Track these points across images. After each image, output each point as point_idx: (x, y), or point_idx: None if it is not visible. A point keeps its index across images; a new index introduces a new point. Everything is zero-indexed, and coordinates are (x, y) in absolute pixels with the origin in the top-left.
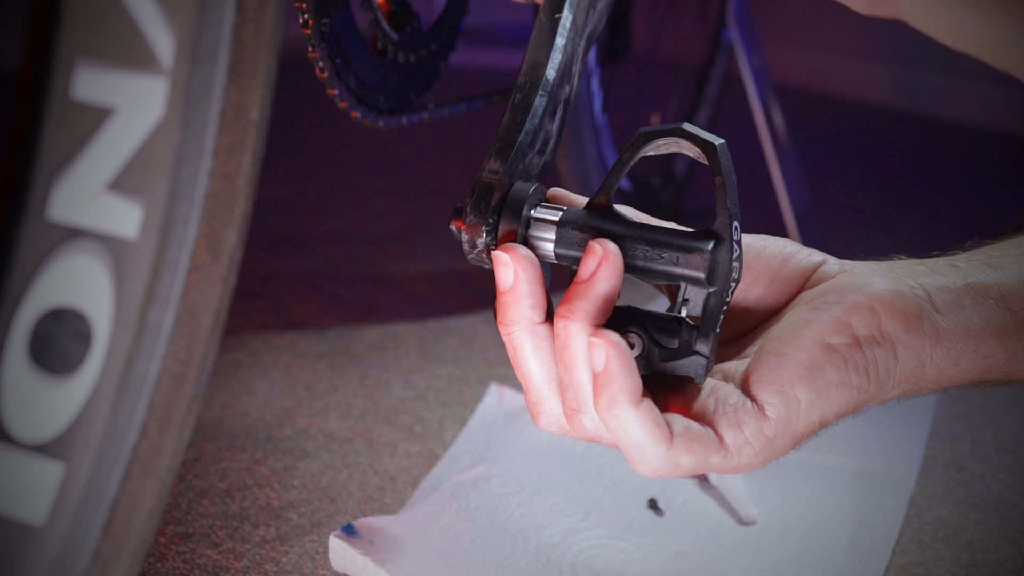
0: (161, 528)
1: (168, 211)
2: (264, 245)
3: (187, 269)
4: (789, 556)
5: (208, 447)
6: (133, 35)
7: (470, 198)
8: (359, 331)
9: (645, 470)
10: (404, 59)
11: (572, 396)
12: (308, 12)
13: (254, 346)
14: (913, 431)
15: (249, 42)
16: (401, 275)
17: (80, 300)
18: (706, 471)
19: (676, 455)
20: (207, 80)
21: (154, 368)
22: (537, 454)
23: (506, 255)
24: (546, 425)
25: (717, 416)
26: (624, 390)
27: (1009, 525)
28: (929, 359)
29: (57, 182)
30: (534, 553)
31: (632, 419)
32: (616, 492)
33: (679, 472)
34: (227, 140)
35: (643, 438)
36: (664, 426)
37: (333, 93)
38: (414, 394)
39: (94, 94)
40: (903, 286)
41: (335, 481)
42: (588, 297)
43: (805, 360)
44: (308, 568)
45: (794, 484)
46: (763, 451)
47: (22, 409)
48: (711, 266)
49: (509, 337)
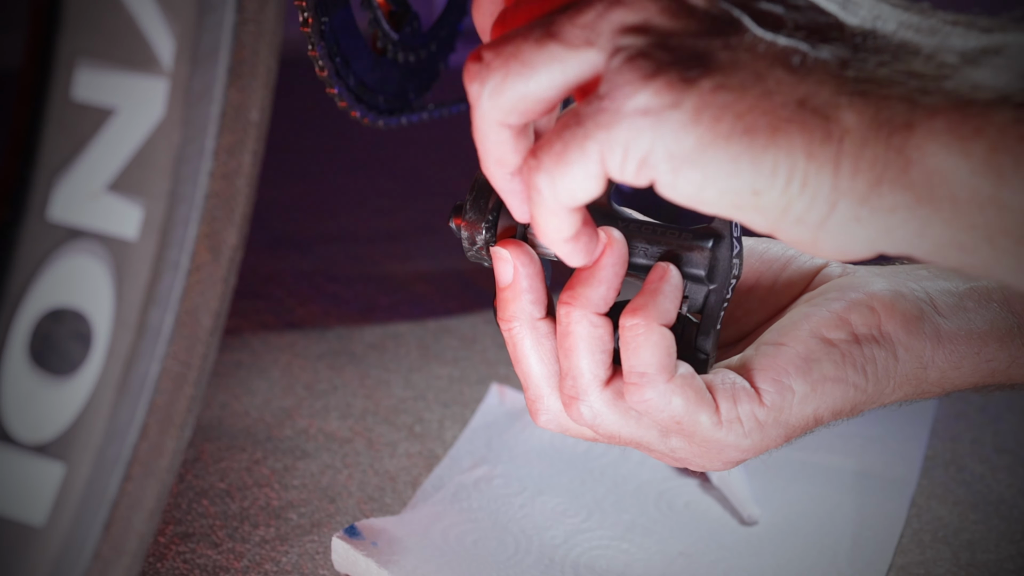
0: (161, 528)
1: (168, 212)
2: (264, 245)
3: (187, 270)
4: (792, 556)
5: (208, 447)
6: (133, 36)
7: (469, 195)
8: (359, 331)
9: (641, 395)
10: (404, 59)
11: (571, 384)
12: (308, 10)
13: (254, 346)
14: (914, 430)
15: (249, 43)
16: (401, 275)
17: (80, 300)
18: (690, 430)
19: (671, 391)
20: (207, 81)
21: (154, 368)
22: (539, 454)
23: (505, 251)
24: (544, 423)
25: (716, 387)
26: (654, 307)
27: (1009, 525)
28: (931, 361)
29: (57, 183)
30: (536, 554)
31: (653, 337)
32: (618, 492)
33: (665, 411)
34: (227, 141)
35: (650, 360)
36: (673, 359)
37: (332, 92)
38: (414, 394)
39: (94, 95)
40: (904, 288)
41: (335, 481)
42: (591, 284)
43: (802, 351)
44: (308, 568)
45: (796, 484)
46: (752, 434)
47: (22, 409)
48: (711, 263)
49: (509, 333)
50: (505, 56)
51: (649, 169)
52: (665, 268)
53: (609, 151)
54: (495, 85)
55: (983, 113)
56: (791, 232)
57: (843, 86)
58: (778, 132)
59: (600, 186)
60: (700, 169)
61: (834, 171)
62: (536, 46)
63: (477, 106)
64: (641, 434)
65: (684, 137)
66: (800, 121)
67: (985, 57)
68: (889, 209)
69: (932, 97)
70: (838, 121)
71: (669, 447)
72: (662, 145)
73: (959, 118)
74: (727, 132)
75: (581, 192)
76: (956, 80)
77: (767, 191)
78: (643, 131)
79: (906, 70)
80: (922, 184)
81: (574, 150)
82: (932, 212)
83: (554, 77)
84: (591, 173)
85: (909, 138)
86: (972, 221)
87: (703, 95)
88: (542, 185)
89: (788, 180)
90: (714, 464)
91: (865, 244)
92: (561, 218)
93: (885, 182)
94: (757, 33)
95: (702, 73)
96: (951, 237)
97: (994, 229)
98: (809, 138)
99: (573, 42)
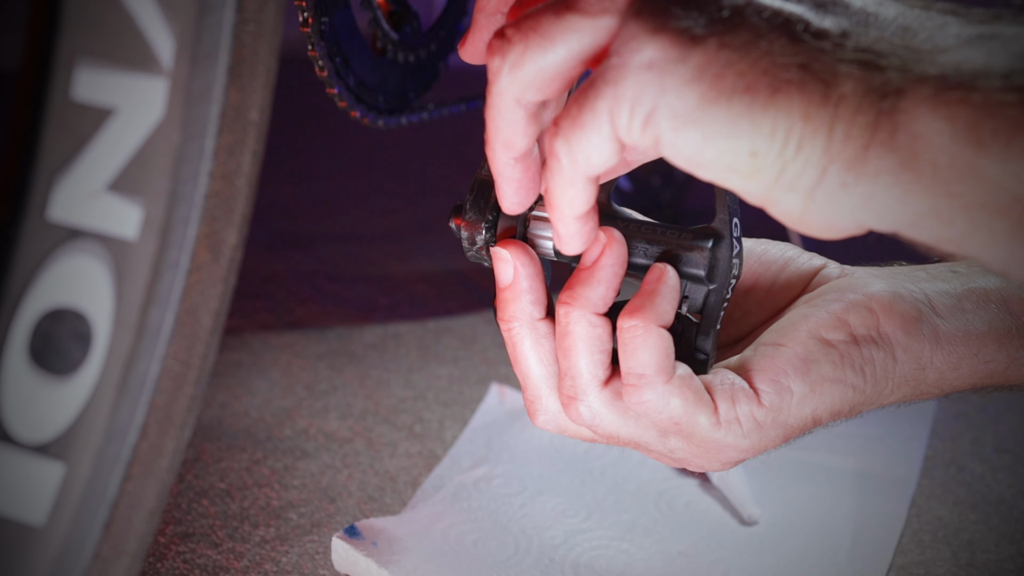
0: (161, 528)
1: (168, 212)
2: (264, 245)
3: (187, 270)
4: (792, 556)
5: (208, 447)
6: (133, 36)
7: (469, 195)
8: (359, 331)
9: (639, 396)
10: (404, 59)
11: (569, 384)
12: (308, 10)
13: (254, 346)
14: (914, 430)
15: (249, 43)
16: (401, 275)
17: (80, 300)
18: (689, 431)
19: (669, 393)
20: (207, 81)
21: (154, 368)
22: (539, 454)
23: (505, 251)
24: (543, 423)
25: (714, 388)
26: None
27: (1009, 525)
28: (929, 362)
29: (57, 182)
30: (536, 554)
31: (651, 339)
32: (618, 492)
33: (664, 413)
34: (227, 141)
35: (648, 362)
36: (671, 361)
37: (332, 92)
38: (414, 394)
39: (94, 95)
40: (902, 289)
41: (335, 481)
42: (591, 284)
43: (800, 352)
44: (308, 568)
45: (796, 484)
46: (751, 434)
47: (22, 409)
48: (711, 263)
49: (509, 333)
50: (525, 30)
51: (653, 127)
52: (662, 269)
53: (617, 108)
54: (515, 58)
55: (970, 82)
56: (783, 199)
57: (843, 53)
58: (778, 93)
59: (615, 151)
60: (701, 128)
61: (828, 135)
62: (555, 17)
63: (497, 81)
64: (640, 434)
65: (687, 93)
66: (800, 83)
67: (980, 41)
68: (874, 173)
69: (924, 66)
70: (836, 86)
71: (668, 447)
72: (665, 101)
73: (946, 84)
74: (729, 90)
75: (597, 157)
76: (949, 56)
77: (764, 152)
78: (648, 86)
79: (904, 44)
80: (906, 148)
81: (587, 111)
82: (914, 178)
83: (572, 47)
84: (604, 135)
85: (898, 102)
86: (950, 190)
87: (708, 52)
88: (560, 151)
89: (785, 142)
90: (713, 464)
91: (849, 214)
92: (578, 188)
93: (873, 146)
94: (765, 0)
95: (708, 31)
96: (930, 205)
97: (971, 199)
98: (807, 100)
99: (590, 11)
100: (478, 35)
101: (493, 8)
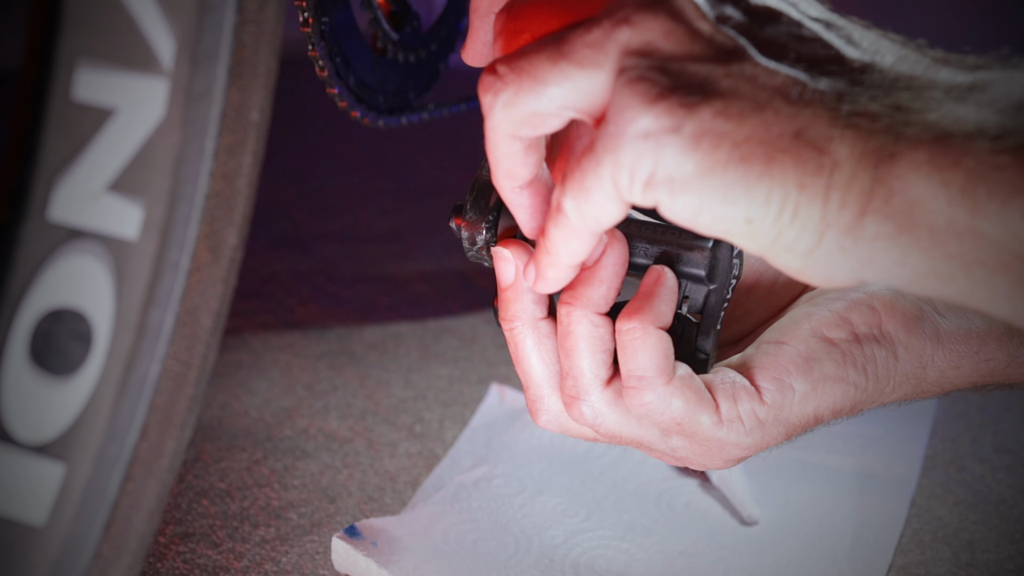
0: (161, 528)
1: (169, 212)
2: (264, 245)
3: (187, 270)
4: (792, 556)
5: (208, 447)
6: (134, 36)
7: (470, 195)
8: (359, 331)
9: (640, 398)
10: (404, 59)
11: (572, 384)
12: (308, 10)
13: (254, 346)
14: (914, 430)
15: (250, 43)
16: (401, 275)
17: (81, 301)
18: (691, 430)
19: (670, 394)
20: (208, 81)
21: (155, 369)
22: (539, 454)
23: (507, 250)
24: (544, 423)
25: (716, 387)
26: (650, 310)
27: (1009, 525)
28: (930, 361)
29: (58, 183)
30: (536, 554)
31: (650, 340)
32: (618, 492)
33: (666, 413)
34: (228, 141)
35: (648, 363)
36: (671, 362)
37: (333, 92)
38: (414, 394)
39: (95, 95)
40: None
41: (335, 481)
42: (592, 283)
43: (803, 350)
44: (308, 568)
45: (796, 484)
46: (753, 432)
47: (23, 410)
48: (711, 263)
49: (511, 333)
50: (518, 71)
51: (653, 191)
52: (660, 271)
53: (617, 173)
54: (508, 99)
55: (962, 145)
56: (780, 259)
57: (837, 119)
58: (773, 162)
59: (622, 209)
60: (697, 195)
61: (824, 203)
62: (549, 63)
63: (489, 117)
64: (642, 434)
65: (683, 162)
66: (795, 152)
67: (970, 93)
68: (872, 238)
69: (914, 129)
70: (830, 153)
71: (670, 447)
72: (663, 169)
73: (939, 149)
74: (724, 160)
75: (606, 216)
76: (939, 113)
77: (760, 220)
78: (645, 154)
79: (893, 104)
80: (903, 213)
81: (591, 176)
82: (911, 241)
83: (566, 95)
84: (610, 196)
85: (892, 168)
86: (949, 251)
87: (703, 121)
88: (568, 209)
89: (780, 210)
90: (715, 463)
91: (849, 272)
92: (583, 241)
93: (869, 212)
94: (759, 62)
95: (703, 99)
96: (929, 267)
97: (970, 259)
98: (802, 170)
99: (583, 62)
100: (476, 37)
101: (486, 9)
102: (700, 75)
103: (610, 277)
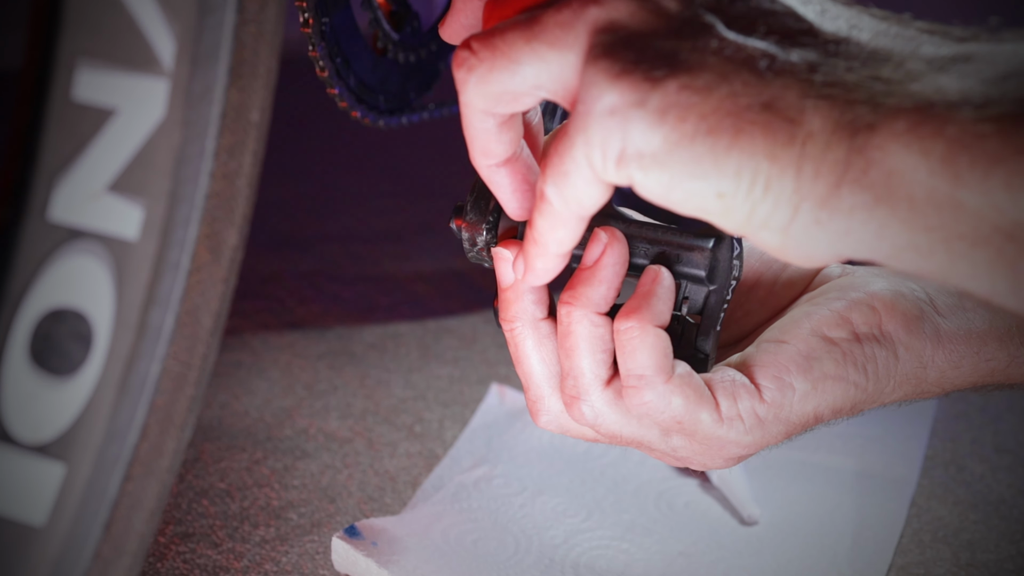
0: (161, 528)
1: (169, 212)
2: (264, 245)
3: (188, 270)
4: (792, 556)
5: (208, 447)
6: (134, 36)
7: (470, 196)
8: (359, 331)
9: (640, 397)
10: (404, 59)
11: (572, 384)
12: (308, 11)
13: (254, 346)
14: (914, 430)
15: (250, 43)
16: (401, 275)
17: (81, 301)
18: (691, 429)
19: (670, 392)
20: (208, 81)
21: (155, 369)
22: (539, 454)
23: (507, 251)
24: (545, 423)
25: (715, 385)
26: (647, 309)
27: (1009, 525)
28: (931, 361)
29: (58, 183)
30: (536, 554)
31: (648, 339)
32: (618, 492)
33: (666, 412)
34: (228, 141)
35: (647, 362)
36: (670, 360)
37: (333, 92)
38: (414, 394)
39: (95, 95)
40: (904, 288)
41: (335, 481)
42: (592, 283)
43: (803, 349)
44: (308, 568)
45: (796, 484)
46: (753, 431)
47: (23, 410)
48: (711, 264)
49: (512, 333)
50: (492, 48)
51: (625, 168)
52: (656, 271)
53: (589, 152)
54: (481, 75)
55: (944, 114)
56: (758, 236)
57: (809, 89)
58: (741, 134)
59: (603, 191)
60: (667, 170)
61: (796, 174)
62: (522, 41)
63: (463, 93)
64: (643, 433)
65: (651, 136)
66: (764, 124)
67: (954, 64)
68: (848, 210)
69: (895, 99)
70: (802, 124)
71: (671, 446)
72: (632, 144)
73: (920, 118)
74: (691, 132)
75: (588, 199)
76: (921, 84)
77: (731, 194)
78: (613, 130)
79: (873, 75)
80: (881, 184)
81: (567, 159)
82: (890, 213)
83: (538, 74)
84: (587, 177)
85: (871, 138)
86: (928, 223)
87: (668, 95)
88: (551, 195)
89: (752, 183)
90: (715, 461)
91: (827, 248)
92: (569, 228)
93: (845, 183)
94: (727, 36)
95: (668, 73)
96: (908, 239)
97: (950, 231)
98: (772, 140)
99: (553, 42)
100: (455, 17)
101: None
102: (665, 50)
103: (610, 277)
